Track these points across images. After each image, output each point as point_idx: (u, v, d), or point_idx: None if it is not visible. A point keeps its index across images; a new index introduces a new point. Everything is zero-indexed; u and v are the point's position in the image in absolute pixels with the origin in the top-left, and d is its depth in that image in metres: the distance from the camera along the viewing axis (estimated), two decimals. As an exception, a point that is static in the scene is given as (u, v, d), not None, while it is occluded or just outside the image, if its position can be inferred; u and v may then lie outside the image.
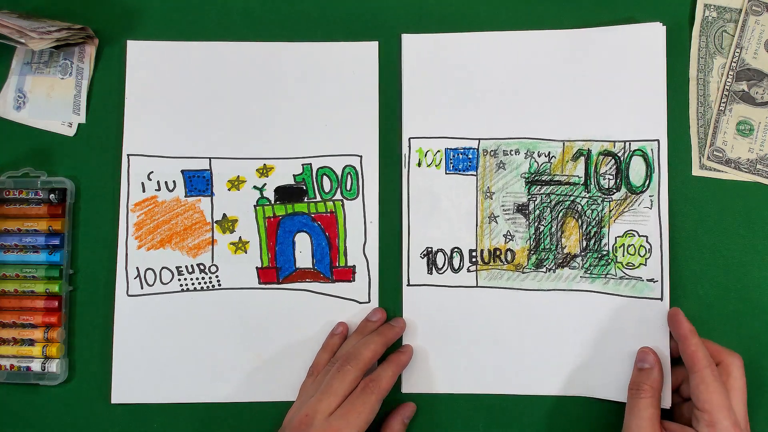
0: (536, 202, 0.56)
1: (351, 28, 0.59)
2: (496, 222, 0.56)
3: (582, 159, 0.56)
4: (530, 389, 0.55)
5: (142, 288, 0.56)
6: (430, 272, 0.56)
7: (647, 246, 0.54)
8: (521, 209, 0.56)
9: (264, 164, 0.57)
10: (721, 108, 0.56)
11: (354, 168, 0.57)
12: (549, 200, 0.56)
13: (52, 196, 0.56)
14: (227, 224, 0.57)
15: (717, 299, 0.55)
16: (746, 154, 0.56)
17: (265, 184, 0.57)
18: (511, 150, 0.56)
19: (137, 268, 0.57)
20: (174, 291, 0.57)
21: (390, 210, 0.57)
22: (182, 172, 0.57)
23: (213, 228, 0.57)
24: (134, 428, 0.56)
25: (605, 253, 0.55)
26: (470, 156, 0.57)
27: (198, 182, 0.57)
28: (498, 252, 0.56)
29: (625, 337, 0.54)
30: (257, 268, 0.57)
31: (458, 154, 0.57)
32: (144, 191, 0.57)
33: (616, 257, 0.55)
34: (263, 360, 0.56)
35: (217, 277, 0.57)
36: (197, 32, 0.59)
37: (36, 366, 0.55)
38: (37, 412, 0.56)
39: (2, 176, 0.57)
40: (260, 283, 0.57)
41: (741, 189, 0.56)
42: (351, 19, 0.59)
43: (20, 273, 0.56)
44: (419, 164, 0.57)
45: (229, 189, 0.57)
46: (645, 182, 0.55)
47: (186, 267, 0.57)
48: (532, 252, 0.56)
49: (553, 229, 0.56)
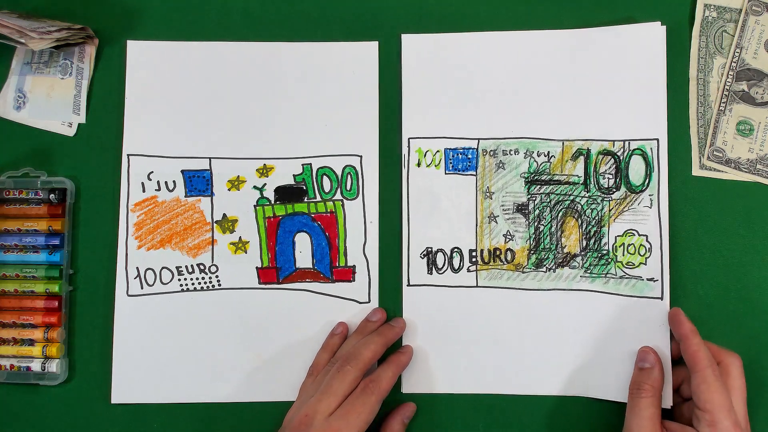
0: (536, 202, 0.56)
1: (351, 28, 0.59)
2: (496, 222, 0.56)
3: (581, 158, 0.56)
4: (530, 389, 0.55)
5: (142, 288, 0.56)
6: (430, 272, 0.56)
7: (647, 245, 0.54)
8: (521, 209, 0.56)
9: (264, 164, 0.57)
10: (721, 108, 0.56)
11: (354, 168, 0.57)
12: (549, 200, 0.56)
13: (52, 196, 0.56)
14: (227, 224, 0.57)
15: (717, 299, 0.55)
16: (746, 154, 0.56)
17: (265, 184, 0.57)
18: (511, 150, 0.56)
19: (137, 268, 0.57)
20: (174, 291, 0.57)
21: (390, 210, 0.57)
22: (182, 172, 0.57)
23: (213, 228, 0.57)
24: (134, 428, 0.56)
25: (605, 253, 0.55)
26: (470, 156, 0.57)
27: (198, 182, 0.57)
28: (498, 252, 0.56)
29: (626, 337, 0.54)
30: (257, 268, 0.57)
31: (458, 154, 0.57)
32: (144, 191, 0.57)
33: (616, 256, 0.55)
34: (263, 360, 0.56)
35: (217, 277, 0.57)
36: (197, 32, 0.59)
37: (36, 366, 0.55)
38: (37, 412, 0.56)
39: (2, 176, 0.57)
40: (260, 283, 0.57)
41: (741, 189, 0.56)
42: (351, 19, 0.59)
43: (20, 273, 0.56)
44: (418, 164, 0.57)
45: (229, 189, 0.57)
46: (644, 181, 0.55)
47: (186, 267, 0.57)
48: (532, 252, 0.56)
49: (553, 229, 0.56)
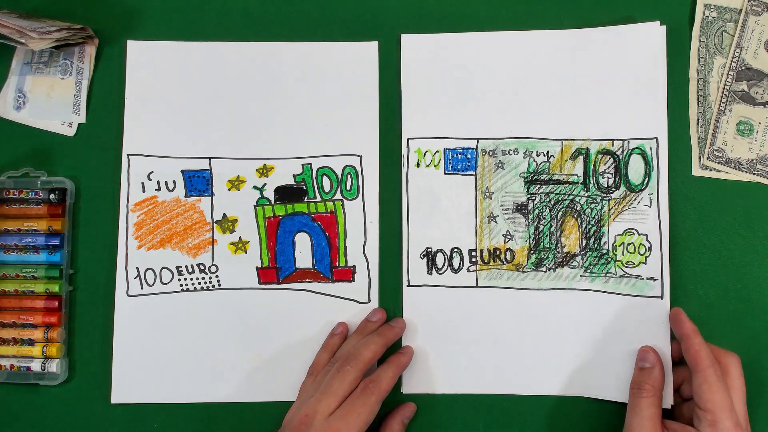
0: (535, 202, 0.56)
1: (351, 28, 0.59)
2: (496, 222, 0.56)
3: (581, 158, 0.56)
4: (530, 389, 0.55)
5: (142, 288, 0.56)
6: (430, 272, 0.56)
7: (647, 244, 0.54)
8: (520, 209, 0.56)
9: (264, 164, 0.57)
10: (721, 108, 0.56)
11: (354, 168, 0.57)
12: (548, 199, 0.56)
13: (52, 196, 0.56)
14: (227, 224, 0.57)
15: (717, 299, 0.55)
16: (746, 154, 0.56)
17: (265, 184, 0.57)
18: (510, 150, 0.56)
19: (137, 268, 0.57)
20: (174, 291, 0.57)
21: (390, 210, 0.57)
22: (182, 172, 0.57)
23: (213, 228, 0.57)
24: (134, 428, 0.56)
25: (605, 252, 0.55)
26: (469, 156, 0.57)
27: (198, 182, 0.57)
28: (497, 252, 0.56)
29: (626, 336, 0.54)
30: (257, 268, 0.57)
31: (457, 154, 0.57)
32: (144, 191, 0.57)
33: (616, 256, 0.55)
34: (263, 360, 0.56)
35: (217, 277, 0.57)
36: (197, 32, 0.59)
37: (36, 366, 0.55)
38: (37, 412, 0.56)
39: (2, 176, 0.57)
40: (260, 283, 0.57)
41: (741, 189, 0.56)
42: (351, 19, 0.59)
43: (20, 273, 0.56)
44: (418, 165, 0.57)
45: (229, 189, 0.57)
46: (644, 180, 0.55)
47: (186, 267, 0.57)
48: (532, 251, 0.56)
49: (553, 229, 0.56)
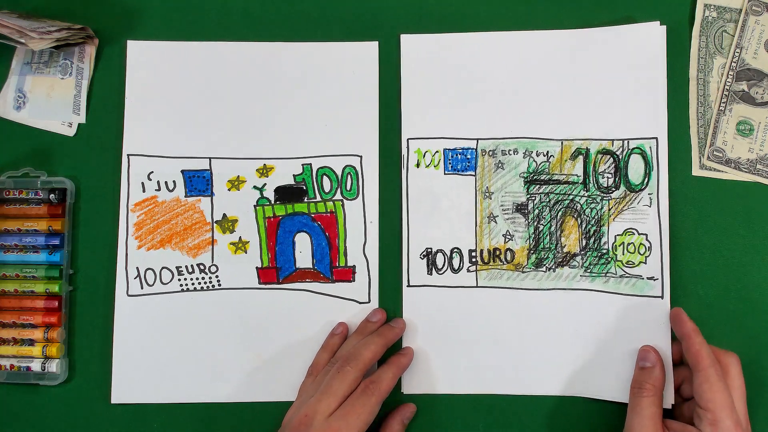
0: (535, 202, 0.56)
1: (351, 28, 0.59)
2: (496, 222, 0.56)
3: (580, 158, 0.56)
4: (530, 389, 0.55)
5: (142, 288, 0.56)
6: (430, 273, 0.56)
7: (647, 244, 0.54)
8: (520, 209, 0.56)
9: (264, 164, 0.57)
10: (721, 108, 0.56)
11: (354, 168, 0.57)
12: (548, 199, 0.56)
13: (52, 196, 0.56)
14: (227, 224, 0.57)
15: (717, 299, 0.55)
16: (746, 154, 0.56)
17: (265, 184, 0.57)
18: (510, 150, 0.56)
19: (137, 268, 0.57)
20: (174, 291, 0.57)
21: (390, 210, 0.57)
22: (182, 172, 0.57)
23: (213, 228, 0.57)
24: (134, 428, 0.56)
25: (605, 252, 0.55)
26: (469, 156, 0.57)
27: (198, 182, 0.57)
28: (497, 252, 0.56)
29: (626, 336, 0.54)
30: (257, 268, 0.57)
31: (457, 155, 0.57)
32: (144, 191, 0.57)
33: (616, 255, 0.55)
34: (263, 360, 0.56)
35: (217, 277, 0.57)
36: (197, 32, 0.59)
37: (36, 366, 0.55)
38: (37, 412, 0.56)
39: (2, 176, 0.57)
40: (260, 283, 0.57)
41: (741, 189, 0.56)
42: (351, 19, 0.59)
43: (20, 273, 0.56)
44: (417, 165, 0.57)
45: (229, 189, 0.57)
46: (644, 180, 0.55)
47: (186, 267, 0.57)
48: (532, 251, 0.56)
49: (553, 228, 0.56)
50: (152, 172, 0.57)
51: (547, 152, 0.56)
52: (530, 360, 0.55)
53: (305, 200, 0.57)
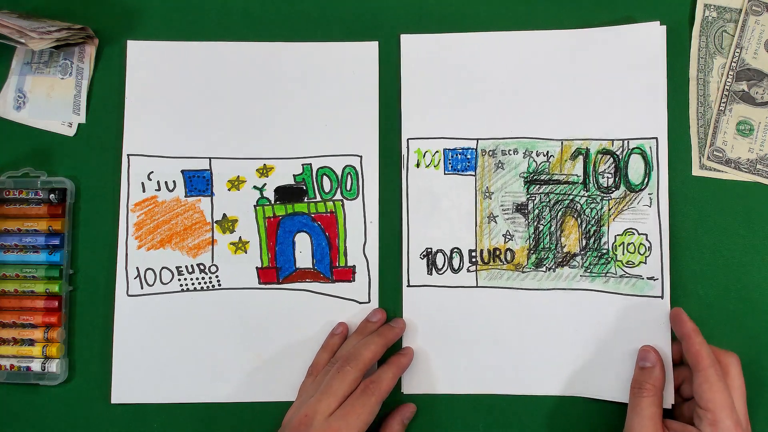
0: (535, 202, 0.56)
1: (351, 28, 0.59)
2: (496, 222, 0.56)
3: (580, 158, 0.56)
4: (530, 389, 0.55)
5: (142, 288, 0.56)
6: (430, 273, 0.56)
7: (647, 244, 0.54)
8: (520, 209, 0.56)
9: (264, 164, 0.57)
10: (721, 108, 0.56)
11: (354, 168, 0.57)
12: (548, 199, 0.56)
13: (52, 196, 0.56)
14: (227, 224, 0.57)
15: (717, 299, 0.55)
16: (746, 154, 0.56)
17: (265, 184, 0.57)
18: (510, 150, 0.56)
19: (137, 268, 0.57)
20: (174, 291, 0.57)
21: (390, 210, 0.57)
22: (182, 172, 0.57)
23: (213, 228, 0.57)
24: (134, 428, 0.56)
25: (605, 252, 0.55)
26: (469, 156, 0.57)
27: (198, 182, 0.57)
28: (497, 252, 0.56)
29: (626, 336, 0.54)
30: (257, 268, 0.57)
31: (457, 155, 0.57)
32: (144, 191, 0.57)
33: (616, 255, 0.55)
34: (263, 360, 0.56)
35: (217, 277, 0.57)
36: (197, 32, 0.59)
37: (36, 366, 0.55)
38: (37, 412, 0.56)
39: (2, 176, 0.57)
40: (260, 283, 0.57)
41: (741, 189, 0.56)
42: (351, 19, 0.59)
43: (20, 273, 0.56)
44: (417, 165, 0.57)
45: (229, 189, 0.57)
46: (644, 180, 0.55)
47: (186, 267, 0.57)
48: (532, 251, 0.56)
49: (553, 228, 0.56)
50: (152, 172, 0.57)
51: (547, 152, 0.56)
52: (530, 360, 0.55)
53: (305, 200, 0.57)
